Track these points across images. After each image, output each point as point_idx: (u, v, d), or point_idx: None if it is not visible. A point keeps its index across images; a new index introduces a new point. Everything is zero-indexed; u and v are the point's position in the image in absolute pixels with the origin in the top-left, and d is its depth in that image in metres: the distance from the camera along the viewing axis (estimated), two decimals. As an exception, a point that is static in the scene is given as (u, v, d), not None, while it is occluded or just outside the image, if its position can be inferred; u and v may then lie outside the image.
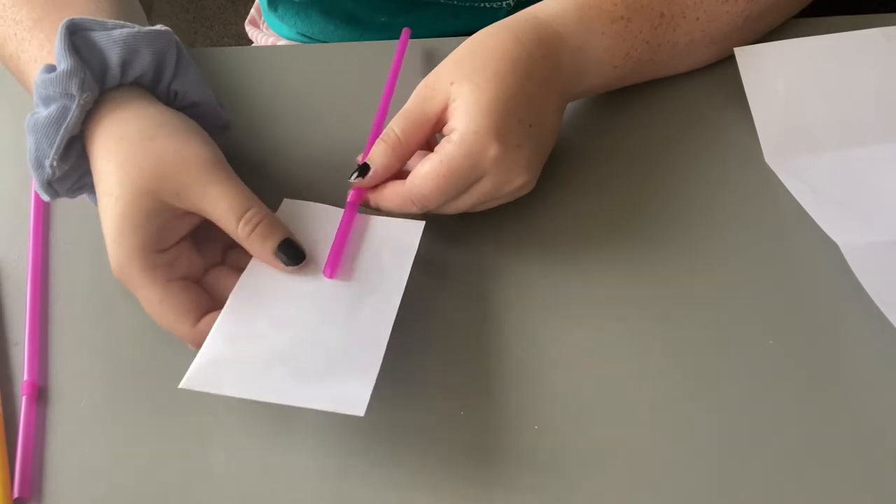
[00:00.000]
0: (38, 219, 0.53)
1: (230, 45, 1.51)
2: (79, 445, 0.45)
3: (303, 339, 0.43)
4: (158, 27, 0.47)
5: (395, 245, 0.47)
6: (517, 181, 0.47)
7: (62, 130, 0.44)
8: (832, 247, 0.47)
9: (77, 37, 0.44)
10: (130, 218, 0.43)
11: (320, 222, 0.46)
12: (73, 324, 0.49)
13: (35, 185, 0.46)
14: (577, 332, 0.47)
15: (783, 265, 0.48)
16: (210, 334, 0.43)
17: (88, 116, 0.45)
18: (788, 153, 0.52)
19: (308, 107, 0.57)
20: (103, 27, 0.45)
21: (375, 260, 0.46)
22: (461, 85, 0.46)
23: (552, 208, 0.51)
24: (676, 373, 0.45)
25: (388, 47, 0.60)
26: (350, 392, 0.40)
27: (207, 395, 0.46)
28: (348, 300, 0.44)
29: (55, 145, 0.44)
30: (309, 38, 0.72)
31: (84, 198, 0.49)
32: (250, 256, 0.46)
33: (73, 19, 0.45)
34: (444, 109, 0.47)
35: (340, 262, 0.46)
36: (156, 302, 0.43)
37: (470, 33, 0.50)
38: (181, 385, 0.41)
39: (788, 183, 0.51)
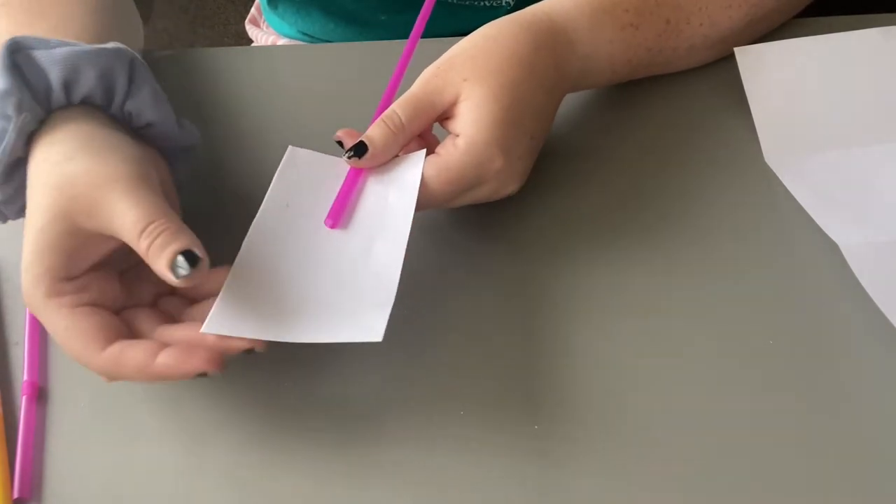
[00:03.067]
0: (38, 219, 0.52)
1: (230, 44, 1.51)
2: (79, 445, 0.45)
3: (318, 282, 0.43)
4: (111, 45, 0.45)
5: (398, 181, 0.46)
6: (509, 189, 0.47)
7: (0, 153, 0.42)
8: (832, 247, 0.47)
9: (20, 56, 0.43)
10: (42, 241, 0.41)
11: (326, 173, 0.46)
12: (73, 324, 0.49)
13: None
14: (576, 332, 0.47)
15: (783, 265, 0.48)
16: (227, 281, 0.42)
17: (32, 138, 0.44)
18: (788, 153, 0.52)
19: (308, 107, 0.57)
20: (45, 45, 0.44)
21: (381, 199, 0.46)
22: (475, 86, 0.45)
23: (551, 208, 0.51)
24: (676, 373, 0.45)
25: (388, 47, 0.60)
26: (366, 321, 0.41)
27: (206, 393, 0.46)
28: (359, 241, 0.45)
29: None
30: (309, 36, 0.72)
31: None
32: (183, 306, 0.44)
33: (15, 38, 0.43)
34: (453, 104, 0.46)
35: (344, 212, 0.46)
36: (60, 329, 0.40)
37: (469, 33, 0.50)
38: (202, 329, 0.40)
39: (788, 183, 0.51)
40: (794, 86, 0.53)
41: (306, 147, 0.50)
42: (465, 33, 0.51)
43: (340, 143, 0.47)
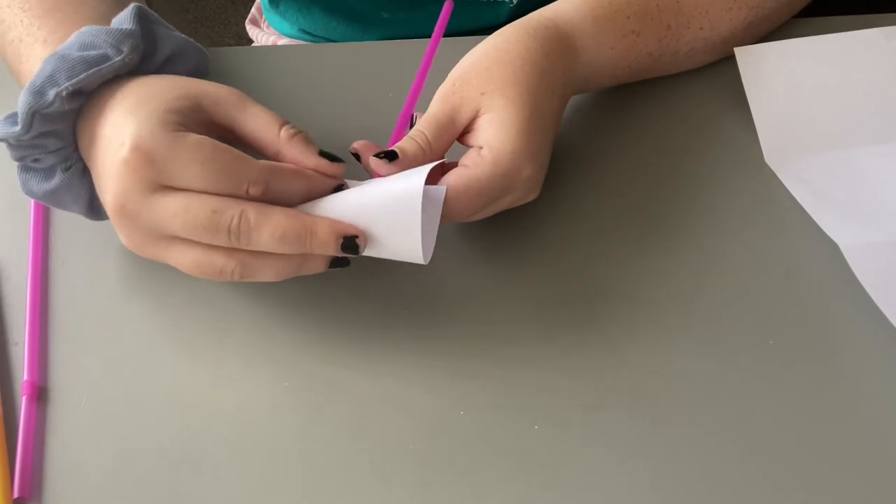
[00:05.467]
0: (38, 219, 0.53)
1: (230, 45, 1.50)
2: (79, 445, 0.45)
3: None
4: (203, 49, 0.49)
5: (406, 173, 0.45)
6: (531, 196, 0.47)
7: (92, 70, 0.42)
8: (832, 247, 0.47)
9: (141, 20, 0.45)
10: (167, 105, 0.42)
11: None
12: (73, 324, 0.49)
13: (6, 116, 0.44)
14: (576, 333, 0.47)
15: (783, 265, 0.48)
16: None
17: (110, 83, 0.44)
18: (788, 153, 0.52)
19: (308, 107, 0.57)
20: (165, 25, 0.47)
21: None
22: (493, 97, 0.45)
23: (552, 210, 0.51)
24: (675, 374, 0.45)
25: (389, 47, 0.60)
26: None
27: (205, 395, 0.46)
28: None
29: (77, 78, 0.42)
30: (310, 34, 0.72)
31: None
32: None
33: (140, 6, 0.45)
34: (473, 119, 0.46)
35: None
36: (208, 149, 0.41)
37: (472, 31, 0.50)
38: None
39: (788, 183, 0.51)
40: (794, 86, 0.53)
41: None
42: (467, 31, 0.51)
43: (356, 156, 0.46)
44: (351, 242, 0.42)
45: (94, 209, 0.47)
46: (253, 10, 0.81)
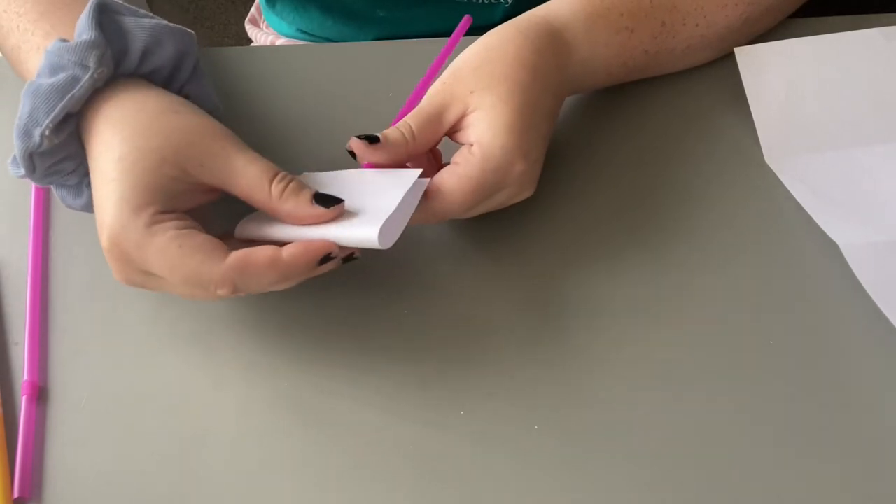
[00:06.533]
0: (38, 219, 0.53)
1: (230, 45, 1.50)
2: (79, 445, 0.45)
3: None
4: (184, 28, 0.47)
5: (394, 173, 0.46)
6: (526, 193, 0.47)
7: (66, 100, 0.42)
8: (832, 247, 0.47)
9: (105, 16, 0.44)
10: (146, 180, 0.41)
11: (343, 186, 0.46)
12: (73, 324, 0.49)
13: (12, 159, 0.44)
14: (575, 333, 0.47)
15: (783, 265, 0.48)
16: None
17: (93, 97, 0.44)
18: (788, 153, 0.52)
19: (308, 107, 0.57)
20: (133, 13, 0.45)
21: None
22: (482, 95, 0.45)
23: (550, 210, 0.51)
24: (676, 374, 0.45)
25: (387, 47, 0.60)
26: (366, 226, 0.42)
27: (205, 395, 0.46)
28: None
29: (53, 114, 0.42)
30: (308, 34, 0.72)
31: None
32: None
33: (99, 1, 0.44)
34: (462, 117, 0.46)
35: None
36: (173, 249, 0.40)
37: (467, 32, 0.50)
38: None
39: (788, 183, 0.51)
40: (794, 86, 0.53)
41: (305, 148, 0.50)
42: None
43: (352, 154, 0.46)
44: (326, 258, 0.42)
45: None
46: (252, 10, 0.81)
